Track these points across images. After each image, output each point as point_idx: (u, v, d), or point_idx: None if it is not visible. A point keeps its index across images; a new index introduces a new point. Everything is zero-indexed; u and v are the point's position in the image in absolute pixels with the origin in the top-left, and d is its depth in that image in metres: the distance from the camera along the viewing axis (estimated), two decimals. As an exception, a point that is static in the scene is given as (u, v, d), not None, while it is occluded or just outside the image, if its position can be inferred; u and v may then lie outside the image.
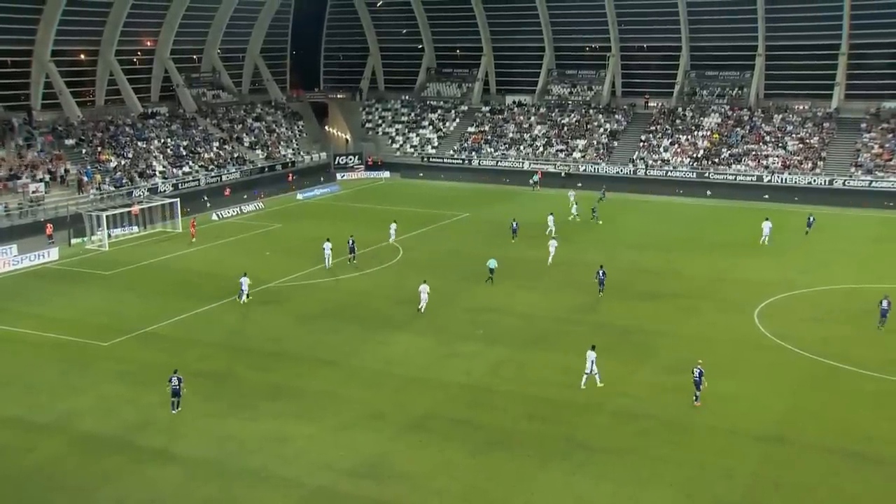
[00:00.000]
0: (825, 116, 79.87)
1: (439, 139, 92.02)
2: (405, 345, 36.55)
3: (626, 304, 42.08)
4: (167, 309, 41.43)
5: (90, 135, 72.24)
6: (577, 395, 30.93)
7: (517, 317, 40.22)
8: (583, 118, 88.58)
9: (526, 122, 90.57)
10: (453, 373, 33.27)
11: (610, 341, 36.52)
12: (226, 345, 36.66)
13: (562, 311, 40.96)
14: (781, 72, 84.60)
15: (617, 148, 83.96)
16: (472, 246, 54.61)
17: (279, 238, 58.10)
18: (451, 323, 39.40)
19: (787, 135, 78.99)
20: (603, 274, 43.77)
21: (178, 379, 29.84)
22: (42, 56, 72.72)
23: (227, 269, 49.59)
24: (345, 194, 77.33)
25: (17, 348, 36.37)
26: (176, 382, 29.77)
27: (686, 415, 29.31)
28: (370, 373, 33.40)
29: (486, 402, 30.62)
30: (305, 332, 38.32)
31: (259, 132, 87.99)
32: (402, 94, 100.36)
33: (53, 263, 51.50)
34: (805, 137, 78.00)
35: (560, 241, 52.56)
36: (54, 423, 28.99)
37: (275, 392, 31.39)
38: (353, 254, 49.32)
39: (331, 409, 29.95)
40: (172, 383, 29.75)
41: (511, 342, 36.65)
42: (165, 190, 69.33)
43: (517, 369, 33.63)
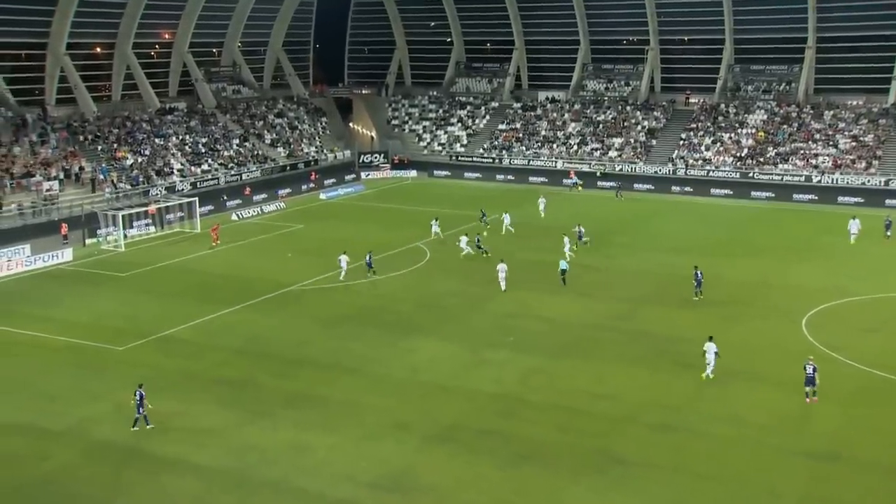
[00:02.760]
0: (881, 112, 78.81)
1: (468, 137, 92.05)
2: (432, 351, 36.60)
3: (664, 310, 41.84)
4: (185, 312, 41.83)
5: (106, 131, 73.14)
6: (613, 407, 30.80)
7: (549, 323, 40.13)
8: (619, 115, 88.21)
9: (559, 119, 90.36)
10: (482, 381, 33.26)
11: (647, 350, 36.36)
12: (245, 350, 36.94)
13: (596, 318, 40.82)
14: (833, 65, 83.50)
15: (655, 147, 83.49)
16: (502, 248, 54.51)
17: (301, 239, 58.46)
18: (480, 329, 39.40)
19: (839, 132, 78.10)
20: (700, 274, 43.60)
21: (140, 394, 29.25)
22: (57, 49, 73.72)
23: (247, 271, 50.03)
24: (370, 194, 77.62)
25: (30, 352, 36.90)
26: (138, 398, 29.20)
27: (729, 429, 29.08)
28: (395, 380, 33.48)
29: (517, 412, 30.58)
30: (328, 337, 38.50)
31: (281, 129, 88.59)
32: (429, 89, 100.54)
33: (67, 264, 52.21)
34: (859, 135, 77.06)
35: (585, 248, 52.57)
36: (69, 430, 29.38)
37: (296, 400, 31.58)
38: (371, 268, 48.42)
39: (354, 418, 30.07)
40: (136, 398, 29.23)
41: (542, 350, 36.57)
42: (183, 189, 70.03)
43: (549, 378, 33.56)
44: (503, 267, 45.03)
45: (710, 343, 33.17)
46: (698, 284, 43.61)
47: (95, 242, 57.17)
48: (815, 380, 30.95)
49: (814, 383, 30.96)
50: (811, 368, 31.03)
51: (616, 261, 51.89)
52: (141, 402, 29.24)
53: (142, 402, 29.25)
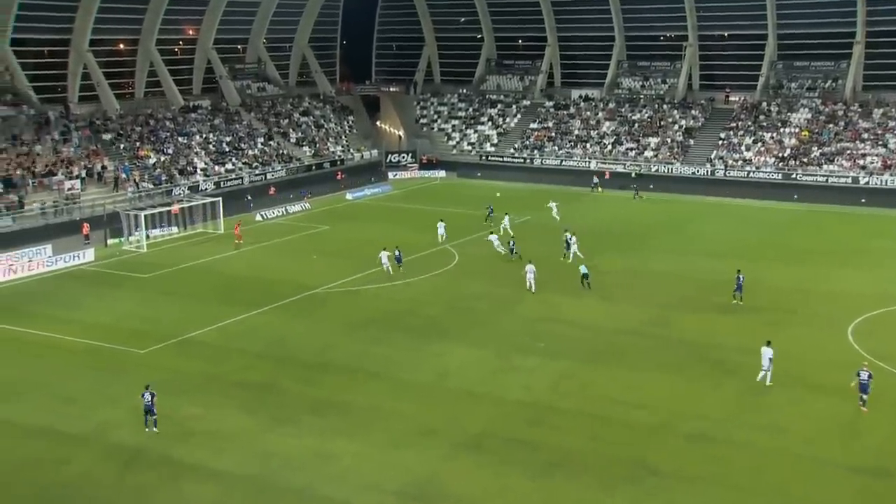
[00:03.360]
0: (933, 110, 77.79)
1: (499, 136, 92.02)
2: (460, 357, 36.55)
3: (701, 317, 41.49)
4: (207, 315, 42.12)
5: (129, 129, 73.96)
6: (647, 416, 30.57)
7: (581, 328, 39.95)
8: (656, 114, 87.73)
9: (593, 118, 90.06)
10: (511, 388, 33.16)
11: (683, 357, 36.08)
12: (268, 354, 37.11)
13: (630, 324, 40.56)
14: (883, 61, 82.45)
15: (693, 147, 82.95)
16: (533, 251, 54.36)
17: (327, 240, 58.67)
18: (510, 333, 39.30)
19: (889, 131, 77.03)
20: (742, 278, 43.37)
21: (150, 394, 29.58)
22: (80, 46, 74.72)
23: (270, 272, 50.29)
24: (397, 195, 77.77)
25: (50, 354, 37.31)
26: (149, 398, 29.53)
27: (769, 440, 28.74)
28: (421, 386, 33.48)
29: (547, 420, 30.46)
30: (353, 341, 38.58)
31: (306, 128, 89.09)
32: (459, 87, 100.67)
33: (89, 265, 52.79)
34: (909, 134, 76.07)
35: (621, 248, 52.27)
36: (89, 434, 29.65)
37: (320, 406, 31.65)
38: (399, 263, 49.47)
39: (379, 424, 30.09)
40: (145, 399, 29.55)
41: (574, 356, 36.40)
42: (207, 188, 70.62)
43: (581, 385, 33.40)
44: (531, 268, 45.45)
45: (767, 348, 32.92)
46: (739, 288, 43.29)
47: (117, 243, 57.76)
48: (869, 387, 30.53)
49: (867, 391, 30.53)
50: (866, 375, 30.63)
51: (651, 264, 51.55)
52: (152, 403, 29.46)
53: (153, 402, 29.47)
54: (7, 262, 50.71)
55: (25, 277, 49.96)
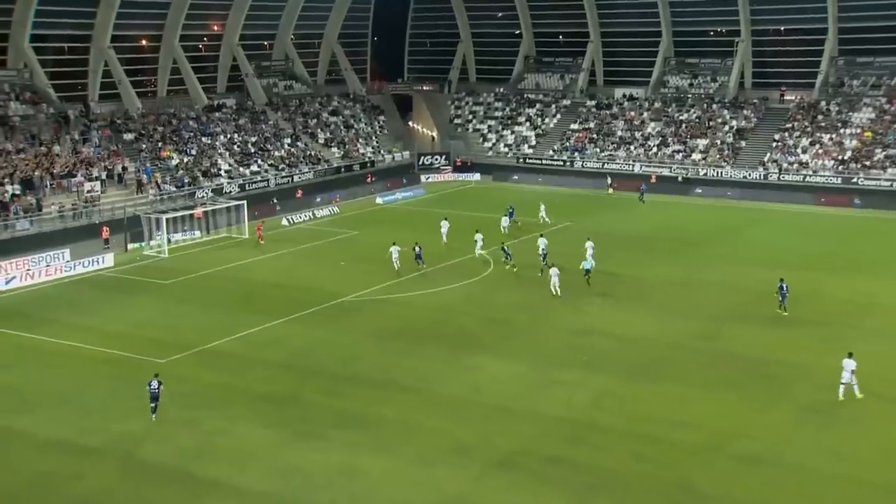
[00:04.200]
0: None
1: (537, 137, 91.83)
2: (495, 370, 36.45)
3: (753, 330, 41.07)
4: (230, 324, 42.38)
5: (150, 129, 74.73)
6: (694, 435, 30.26)
7: (624, 341, 39.72)
8: (704, 114, 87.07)
9: (638, 118, 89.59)
10: (550, 404, 33.00)
11: (733, 373, 35.72)
12: (293, 365, 37.25)
13: (676, 337, 40.24)
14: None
15: (745, 149, 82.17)
16: (571, 259, 54.06)
17: (356, 246, 58.85)
18: (549, 346, 39.16)
19: (961, 132, 75.84)
20: (786, 287, 43.07)
21: (157, 382, 31.84)
22: (101, 42, 75.62)
23: (296, 280, 50.54)
24: (430, 198, 77.88)
25: (66, 363, 37.73)
26: (155, 386, 31.76)
27: (828, 464, 28.30)
28: (454, 401, 33.40)
29: (587, 438, 30.27)
30: (382, 352, 38.62)
31: (335, 128, 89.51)
32: (496, 86, 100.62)
33: (108, 270, 53.39)
34: (984, 134, 74.76)
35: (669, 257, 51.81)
36: (105, 447, 29.88)
37: (346, 420, 31.68)
38: (420, 259, 51.72)
39: (409, 440, 30.06)
40: (151, 387, 31.71)
41: (617, 370, 36.17)
42: (231, 191, 71.12)
43: (623, 402, 33.16)
44: (555, 271, 46.40)
45: (849, 360, 32.63)
46: (783, 298, 42.98)
47: (138, 247, 58.36)
48: None
49: None
50: None
51: (700, 273, 51.14)
52: (158, 391, 31.63)
53: (159, 390, 31.67)
54: (24, 266, 51.44)
55: (43, 283, 50.62)
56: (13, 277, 50.01)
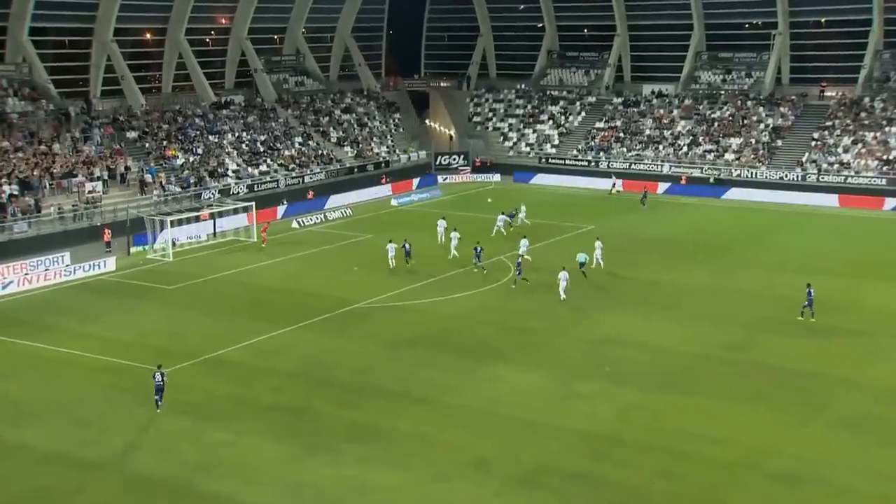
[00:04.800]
0: None
1: (560, 136, 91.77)
2: (515, 381, 36.41)
3: (790, 340, 40.86)
4: (237, 331, 42.51)
5: (155, 126, 75.14)
6: (726, 451, 30.11)
7: (652, 352, 39.60)
8: (738, 111, 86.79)
9: (667, 116, 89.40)
10: (572, 417, 32.93)
11: (768, 386, 35.54)
12: (303, 375, 37.32)
13: (707, 347, 40.09)
14: None
15: (781, 148, 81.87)
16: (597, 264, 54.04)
17: (369, 250, 58.84)
18: (570, 356, 39.11)
19: None
20: (812, 293, 43.10)
21: (161, 374, 33.38)
22: (103, 36, 76.09)
23: (307, 285, 50.64)
24: (447, 200, 77.90)
25: (65, 372, 37.91)
26: (159, 378, 33.27)
27: (869, 484, 28.08)
28: (472, 413, 33.38)
29: (612, 454, 30.17)
30: (396, 362, 38.65)
31: (348, 126, 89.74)
32: (517, 82, 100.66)
33: (110, 275, 53.63)
34: None
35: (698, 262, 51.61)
36: (106, 461, 29.98)
37: (359, 433, 31.70)
38: (409, 257, 53.50)
39: (424, 455, 30.05)
40: (156, 379, 33.26)
41: (644, 382, 36.05)
42: (239, 192, 71.40)
43: (651, 416, 33.05)
44: (565, 275, 46.40)
45: None
46: (809, 304, 42.98)
47: (141, 251, 58.64)
48: None
49: None
50: None
51: (732, 280, 50.95)
52: (161, 384, 33.24)
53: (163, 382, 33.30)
54: (22, 270, 51.75)
55: (41, 288, 50.90)
56: (10, 282, 50.28)
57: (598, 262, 52.57)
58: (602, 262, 52.69)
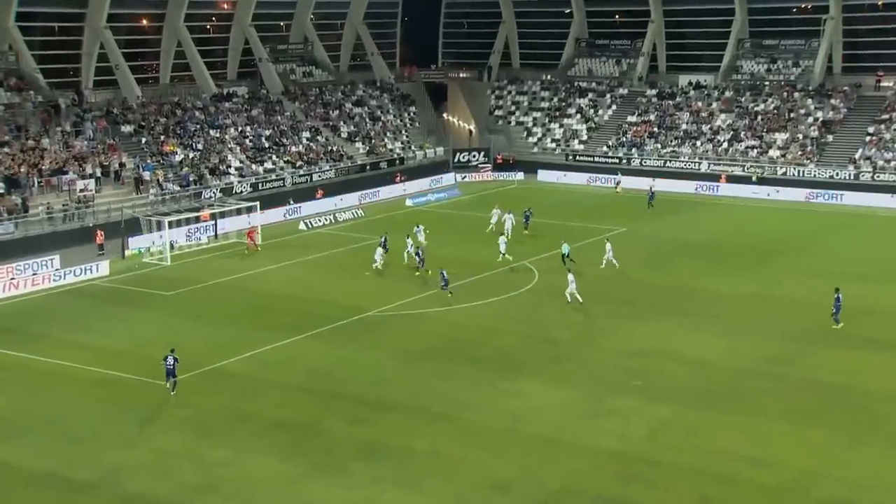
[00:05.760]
0: None
1: (589, 131, 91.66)
2: (539, 396, 36.38)
3: (841, 353, 40.66)
4: (240, 341, 42.63)
5: (152, 120, 75.47)
6: (771, 475, 29.96)
7: (688, 365, 39.48)
8: (784, 104, 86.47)
9: (705, 109, 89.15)
10: (601, 435, 32.87)
11: (818, 404, 35.34)
12: (311, 389, 37.39)
13: (749, 361, 39.92)
14: None
15: (832, 144, 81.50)
16: (627, 269, 53.92)
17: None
18: (600, 370, 39.03)
19: None
20: (840, 298, 43.15)
21: (174, 359, 35.90)
22: (96, 22, 76.40)
23: (315, 292, 50.72)
24: (465, 200, 77.91)
25: (54, 385, 38.05)
26: (171, 362, 35.83)
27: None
28: (493, 431, 33.36)
29: (645, 476, 30.07)
30: (411, 375, 38.68)
31: (360, 120, 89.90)
32: (542, 72, 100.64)
33: (103, 280, 53.86)
34: None
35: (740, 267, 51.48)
36: (98, 481, 30.06)
37: (370, 451, 31.73)
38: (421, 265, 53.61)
39: (441, 475, 30.06)
40: (167, 363, 35.81)
41: (679, 398, 35.94)
42: (242, 191, 71.62)
43: (687, 434, 32.93)
44: (572, 277, 47.24)
45: None
46: (836, 310, 43.07)
47: (136, 254, 58.86)
48: None
49: None
50: None
51: (778, 287, 50.74)
52: (173, 369, 35.75)
53: (174, 366, 35.79)
54: (8, 275, 52.05)
55: (28, 293, 51.16)
56: (-4, 287, 50.68)
57: (612, 262, 53.14)
58: (615, 262, 53.18)
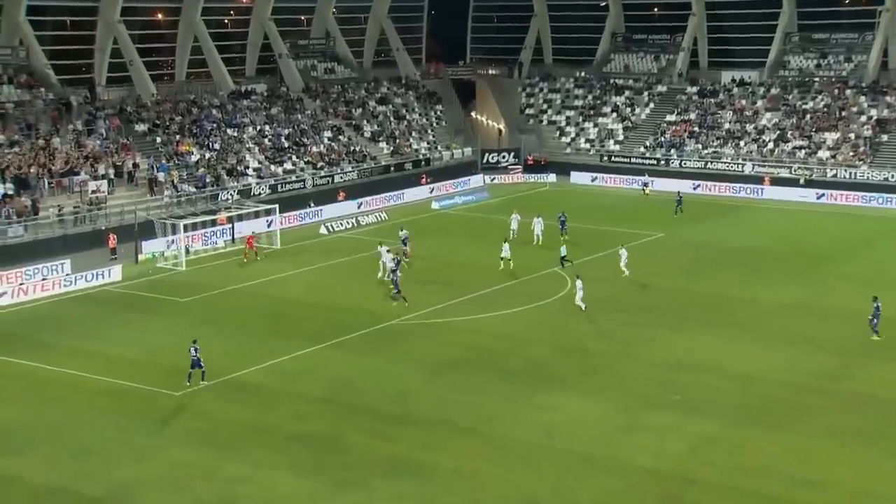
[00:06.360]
0: None
1: (625, 131, 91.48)
2: (572, 410, 36.28)
3: (894, 367, 40.31)
4: (257, 350, 42.76)
5: (167, 119, 75.88)
6: (821, 496, 29.69)
7: (730, 379, 39.24)
8: (835, 102, 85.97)
9: (750, 107, 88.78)
10: (637, 452, 32.72)
11: (871, 421, 35.03)
12: (331, 400, 37.41)
13: (795, 374, 39.66)
14: None
15: (887, 144, 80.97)
16: (664, 276, 53.74)
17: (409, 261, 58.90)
18: (636, 383, 38.89)
19: None
20: (879, 307, 42.98)
21: (195, 349, 37.88)
22: (110, 16, 76.97)
23: (336, 299, 50.83)
24: (494, 204, 77.83)
25: (65, 395, 38.24)
26: (194, 353, 37.80)
27: None
28: (523, 446, 33.28)
29: (684, 496, 29.94)
30: (437, 387, 38.65)
31: (384, 119, 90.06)
32: (576, 69, 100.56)
33: (115, 285, 54.17)
34: None
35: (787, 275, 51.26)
36: (107, 496, 30.14)
37: (394, 467, 31.71)
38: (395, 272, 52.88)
39: (468, 493, 29.98)
40: (192, 354, 37.75)
41: (720, 414, 35.73)
42: (261, 193, 71.85)
43: (729, 453, 32.72)
44: (579, 285, 47.53)
45: None
46: (875, 319, 43.02)
47: (150, 258, 59.17)
48: None
49: None
50: None
51: (826, 297, 50.43)
52: (198, 357, 37.80)
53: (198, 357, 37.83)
54: (17, 280, 52.43)
55: (38, 299, 51.53)
56: (4, 293, 50.89)
57: (623, 271, 53.14)
58: (627, 271, 53.22)
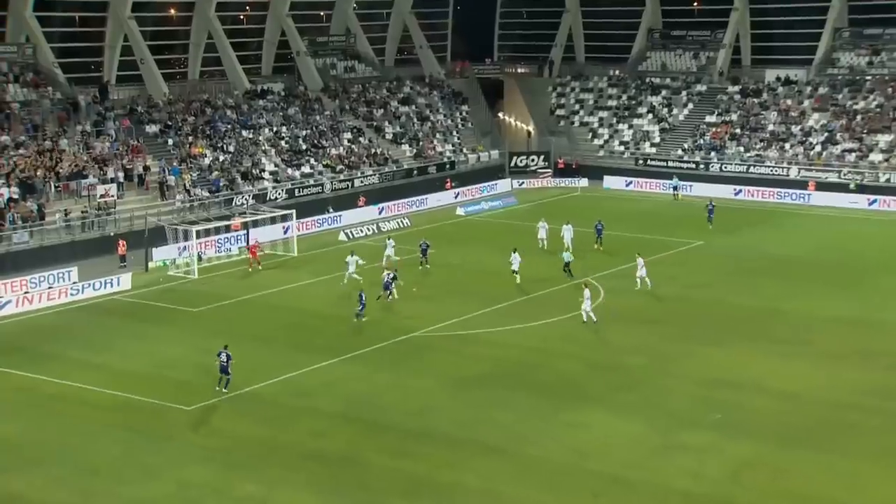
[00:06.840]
0: None
1: (662, 133, 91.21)
2: (604, 428, 36.14)
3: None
4: (272, 363, 42.77)
5: (179, 119, 76.19)
6: (868, 521, 29.52)
7: (774, 397, 38.98)
8: (888, 101, 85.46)
9: (796, 108, 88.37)
10: (675, 474, 32.55)
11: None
12: (349, 416, 37.38)
13: (845, 393, 39.36)
14: None
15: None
16: (703, 287, 53.50)
17: (430, 268, 58.89)
18: (673, 400, 38.70)
19: None
20: None
21: (227, 355, 38.29)
22: (120, 12, 77.41)
23: (354, 308, 50.74)
24: (522, 210, 77.71)
25: (70, 410, 38.36)
26: (224, 359, 38.23)
27: None
28: (553, 466, 33.16)
29: (725, 521, 29.73)
30: (460, 403, 38.56)
31: (406, 120, 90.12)
32: (609, 67, 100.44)
33: (124, 294, 54.37)
34: None
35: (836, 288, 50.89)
36: (115, 513, 30.36)
37: (415, 487, 31.67)
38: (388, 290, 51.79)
39: (494, 517, 29.91)
40: (221, 359, 38.23)
41: (764, 434, 35.50)
42: (277, 198, 72.01)
43: (773, 476, 32.49)
44: (588, 293, 47.58)
45: None
46: None
47: (161, 266, 59.37)
48: None
49: None
50: None
51: (879, 311, 50.02)
52: (227, 364, 38.25)
53: (228, 363, 38.26)
54: (21, 288, 52.69)
55: (44, 309, 51.76)
56: (8, 302, 51.16)
57: (644, 281, 52.60)
58: (649, 281, 52.62)
